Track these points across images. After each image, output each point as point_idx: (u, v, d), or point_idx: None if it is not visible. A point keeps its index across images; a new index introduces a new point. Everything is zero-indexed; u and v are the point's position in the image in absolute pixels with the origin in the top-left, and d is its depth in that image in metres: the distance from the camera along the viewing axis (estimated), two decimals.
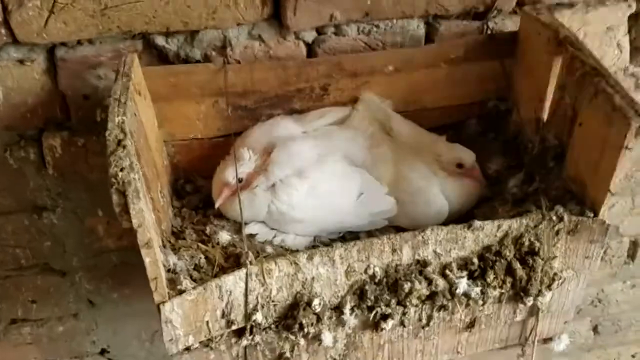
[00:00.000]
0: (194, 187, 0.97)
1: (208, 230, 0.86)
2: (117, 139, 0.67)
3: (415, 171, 0.93)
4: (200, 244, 0.83)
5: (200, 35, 0.90)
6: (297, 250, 0.85)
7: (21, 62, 0.88)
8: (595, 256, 0.85)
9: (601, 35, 1.02)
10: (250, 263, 0.76)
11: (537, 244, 0.82)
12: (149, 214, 0.71)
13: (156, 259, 0.67)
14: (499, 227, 0.82)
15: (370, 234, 0.93)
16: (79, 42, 0.89)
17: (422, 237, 0.80)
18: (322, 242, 0.91)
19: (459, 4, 0.94)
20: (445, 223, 0.87)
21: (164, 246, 0.81)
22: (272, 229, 0.90)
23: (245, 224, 0.87)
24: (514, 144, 0.99)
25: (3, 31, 0.84)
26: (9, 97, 0.91)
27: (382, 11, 0.92)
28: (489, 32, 0.97)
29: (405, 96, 0.97)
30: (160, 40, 0.90)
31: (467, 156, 0.93)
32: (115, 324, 1.22)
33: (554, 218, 0.81)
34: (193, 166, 0.96)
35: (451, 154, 0.93)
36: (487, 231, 0.82)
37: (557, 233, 0.82)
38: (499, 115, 1.02)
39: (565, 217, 0.81)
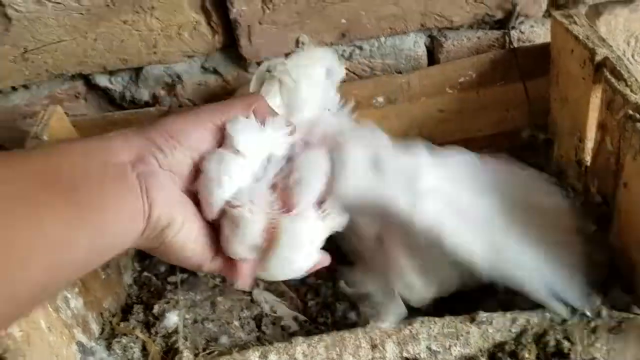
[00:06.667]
0: None
1: (156, 310, 0.72)
2: None
3: None
4: (140, 331, 0.69)
5: (145, 72, 0.75)
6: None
7: None
8: None
9: None
10: None
11: (567, 344, 0.60)
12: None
13: None
14: (513, 321, 0.61)
15: None
16: (14, 88, 0.77)
17: (410, 330, 0.62)
18: None
19: (466, 12, 0.70)
20: None
21: (102, 331, 0.68)
22: None
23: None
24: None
25: None
26: None
27: (362, 30, 0.71)
28: (513, 45, 0.73)
29: (405, 131, 0.76)
30: (102, 81, 0.76)
31: None
32: None
33: (588, 313, 0.59)
34: None
35: None
36: (497, 325, 0.61)
37: (594, 331, 0.60)
38: (536, 147, 0.79)
39: (604, 313, 0.58)
